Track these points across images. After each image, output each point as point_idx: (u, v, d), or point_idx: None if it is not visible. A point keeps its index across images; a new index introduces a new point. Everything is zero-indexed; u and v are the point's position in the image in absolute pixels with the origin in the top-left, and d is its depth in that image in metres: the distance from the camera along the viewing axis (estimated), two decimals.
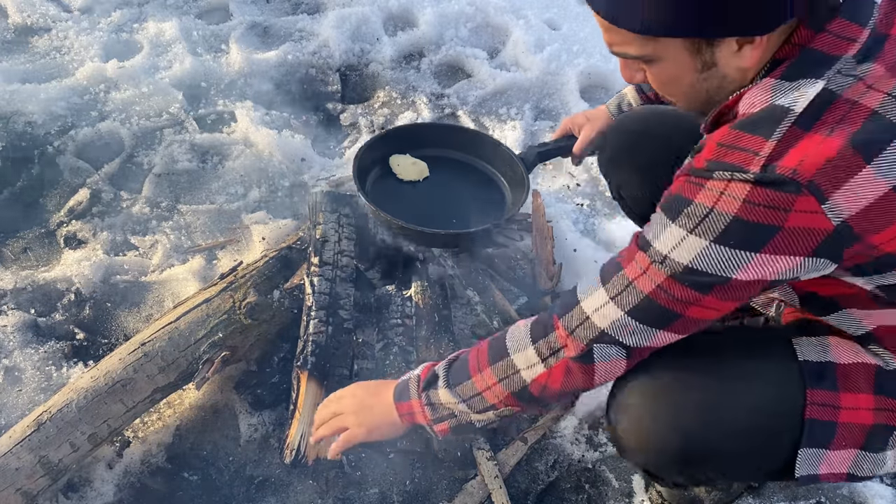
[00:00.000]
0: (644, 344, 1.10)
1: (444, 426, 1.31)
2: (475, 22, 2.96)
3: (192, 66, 2.69)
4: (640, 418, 1.15)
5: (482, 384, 1.24)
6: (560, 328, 1.15)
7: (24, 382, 1.80)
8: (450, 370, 1.29)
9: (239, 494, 1.66)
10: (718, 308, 1.04)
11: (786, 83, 0.94)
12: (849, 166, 0.89)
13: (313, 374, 1.62)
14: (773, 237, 0.93)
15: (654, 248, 1.03)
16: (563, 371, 1.16)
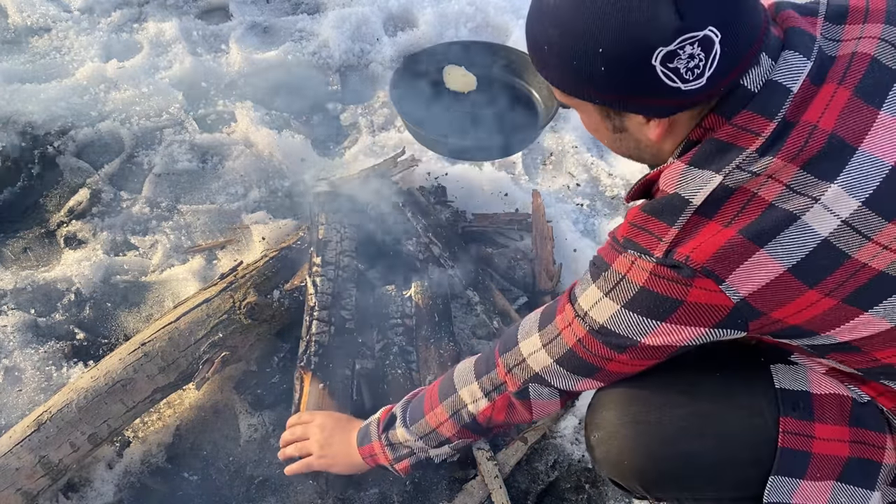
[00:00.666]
0: (572, 388, 1.19)
1: (404, 464, 1.42)
2: (475, 22, 2.96)
3: (192, 66, 2.69)
4: (613, 435, 1.19)
5: (435, 421, 1.34)
6: (500, 365, 1.25)
7: (24, 382, 1.80)
8: (406, 410, 1.40)
9: (239, 494, 1.66)
10: (634, 365, 1.11)
11: (692, 170, 0.97)
12: (742, 252, 0.93)
13: (316, 374, 1.62)
14: (676, 309, 0.99)
15: (579, 303, 1.10)
16: (505, 404, 1.26)
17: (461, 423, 1.31)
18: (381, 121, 2.60)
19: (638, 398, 1.18)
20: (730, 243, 0.93)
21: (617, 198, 2.43)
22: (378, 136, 2.52)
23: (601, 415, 1.21)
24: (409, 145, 2.39)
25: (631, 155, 1.12)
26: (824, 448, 1.10)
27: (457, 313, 1.90)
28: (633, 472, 1.19)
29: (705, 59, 0.88)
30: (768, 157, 0.92)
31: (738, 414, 1.14)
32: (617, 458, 1.19)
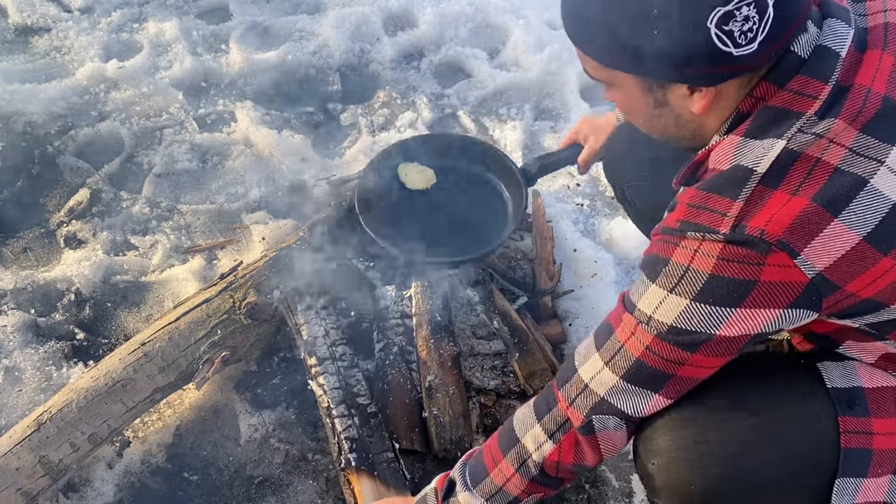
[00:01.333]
0: (641, 409, 1.10)
1: None
2: (475, 22, 2.96)
3: (192, 66, 2.69)
4: (674, 460, 1.12)
5: (501, 478, 1.21)
6: (561, 399, 1.15)
7: (24, 382, 1.80)
8: (466, 472, 1.26)
9: (239, 494, 1.66)
10: (708, 365, 1.05)
11: (749, 141, 0.95)
12: (817, 222, 0.90)
13: (361, 469, 1.55)
14: (749, 292, 0.94)
15: (639, 308, 1.04)
16: (572, 444, 1.15)
17: (529, 476, 1.18)
18: (381, 121, 2.60)
19: (693, 419, 1.11)
20: (804, 212, 0.90)
21: None
22: (378, 136, 2.52)
23: (656, 442, 1.13)
24: None
25: (668, 134, 1.08)
26: (883, 443, 1.07)
27: (457, 313, 1.90)
28: (699, 497, 1.11)
29: (759, 21, 0.87)
30: (829, 119, 0.91)
31: (795, 421, 1.10)
32: (679, 484, 1.11)
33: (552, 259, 2.05)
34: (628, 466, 1.73)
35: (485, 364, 1.87)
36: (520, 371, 1.82)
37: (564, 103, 2.68)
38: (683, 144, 1.10)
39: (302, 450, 1.72)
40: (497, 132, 2.58)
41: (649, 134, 1.13)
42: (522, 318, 1.90)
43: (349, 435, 1.58)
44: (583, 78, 2.74)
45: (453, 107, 2.67)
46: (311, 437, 1.74)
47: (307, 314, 1.74)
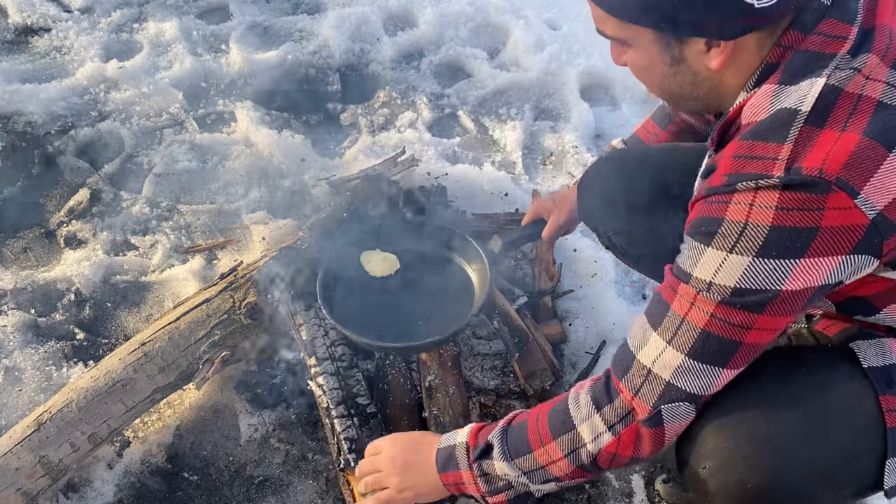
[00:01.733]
0: (709, 387, 1.04)
1: (500, 498, 1.23)
2: (475, 22, 2.96)
3: (192, 66, 2.69)
4: (729, 460, 1.07)
5: (545, 458, 1.16)
6: (624, 391, 1.08)
7: (24, 382, 1.80)
8: (506, 440, 1.20)
9: (239, 494, 1.66)
10: (773, 327, 1.00)
11: (785, 87, 0.94)
12: (872, 157, 0.89)
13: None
14: (813, 239, 0.90)
15: (695, 276, 0.99)
16: (632, 437, 1.10)
17: (577, 463, 1.14)
18: (381, 121, 2.60)
19: (742, 416, 1.07)
20: (859, 148, 0.88)
21: None
22: (378, 135, 2.52)
23: (706, 445, 1.09)
24: (409, 145, 2.39)
25: (684, 93, 1.07)
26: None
27: None
28: (758, 494, 1.07)
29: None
30: (863, 56, 0.92)
31: (839, 405, 1.08)
32: (738, 483, 1.07)
33: (552, 259, 2.05)
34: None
35: (485, 364, 1.87)
36: (519, 371, 1.82)
37: (564, 103, 2.68)
38: (698, 106, 1.10)
39: (302, 450, 1.72)
40: (497, 132, 2.58)
41: (662, 96, 1.12)
42: (522, 318, 1.90)
43: (349, 435, 1.58)
44: (583, 78, 2.74)
45: (453, 107, 2.67)
46: (311, 437, 1.74)
47: (306, 314, 1.74)
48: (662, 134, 1.64)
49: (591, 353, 1.90)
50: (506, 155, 2.49)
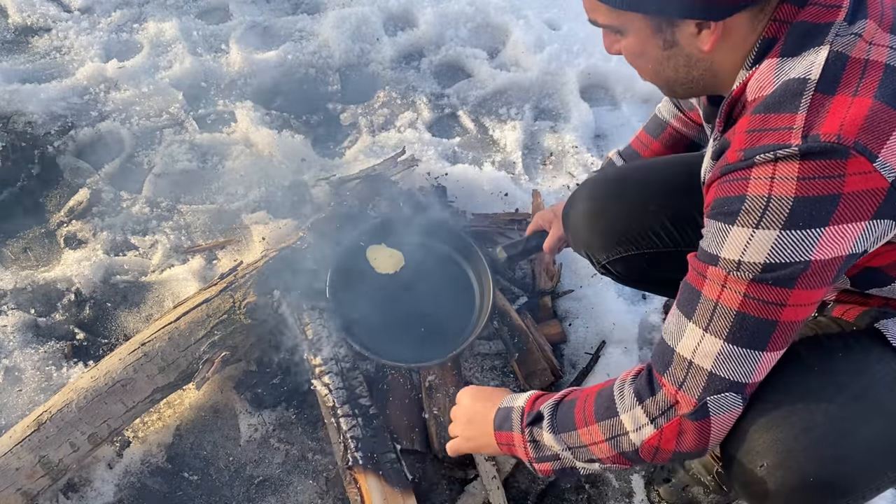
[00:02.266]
0: (752, 374, 1.02)
1: (546, 467, 1.23)
2: (475, 22, 2.96)
3: (192, 66, 2.69)
4: (788, 455, 1.05)
5: (589, 438, 1.15)
6: (667, 385, 1.06)
7: (24, 382, 1.80)
8: (556, 414, 1.20)
9: (239, 494, 1.66)
10: (808, 301, 0.99)
11: (788, 59, 0.95)
12: (887, 120, 0.89)
13: (368, 468, 1.56)
14: (836, 206, 0.90)
15: (723, 258, 0.98)
16: (675, 431, 1.06)
17: (619, 449, 1.12)
18: (381, 121, 2.60)
19: (791, 409, 1.05)
20: (872, 112, 0.89)
21: None
22: (378, 135, 2.52)
23: (759, 443, 1.06)
24: (409, 145, 2.39)
25: (678, 78, 1.08)
26: None
27: None
28: (821, 486, 1.05)
29: None
30: (860, 22, 0.93)
31: (882, 383, 1.07)
32: (801, 478, 1.05)
33: (552, 259, 2.05)
34: None
35: (485, 364, 1.87)
36: (519, 371, 1.82)
37: (564, 103, 2.68)
38: (693, 89, 1.10)
39: (302, 450, 1.73)
40: (497, 132, 2.58)
41: (658, 82, 1.12)
42: (522, 318, 1.90)
43: (355, 434, 1.59)
44: (583, 78, 2.74)
45: (453, 107, 2.67)
46: (311, 437, 1.74)
47: (311, 314, 1.75)
48: (654, 143, 1.66)
49: (590, 354, 1.90)
50: (506, 155, 2.49)
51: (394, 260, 1.90)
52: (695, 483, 1.59)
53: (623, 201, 1.52)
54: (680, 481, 1.62)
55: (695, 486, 1.59)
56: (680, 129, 1.61)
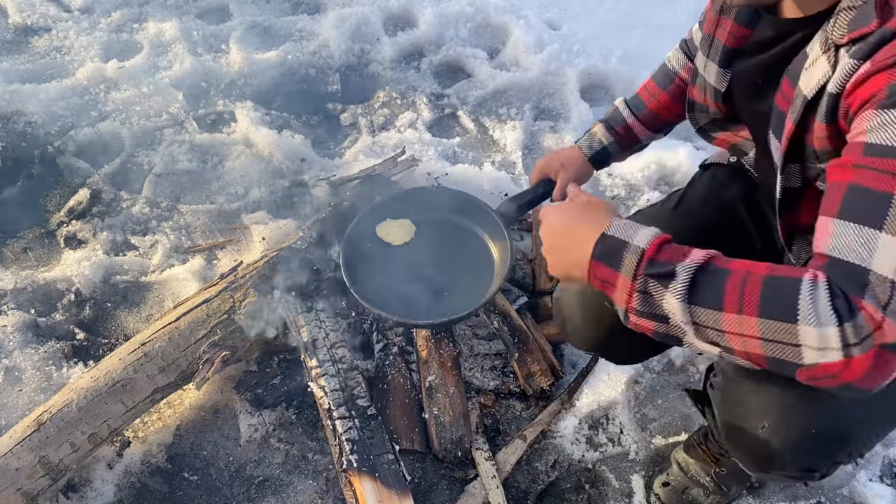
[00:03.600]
0: None
1: (647, 324, 1.02)
2: (475, 22, 2.96)
3: (192, 66, 2.69)
4: (787, 410, 1.05)
5: (734, 326, 0.94)
6: (868, 307, 0.87)
7: (24, 382, 1.80)
8: (695, 282, 0.97)
9: (239, 494, 1.66)
10: None
11: None
12: None
13: (363, 470, 1.55)
14: None
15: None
16: (867, 364, 0.88)
17: (773, 355, 0.92)
18: (381, 121, 2.60)
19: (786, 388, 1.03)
20: None
21: (617, 198, 2.43)
22: (378, 135, 2.52)
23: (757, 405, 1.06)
24: (409, 145, 2.39)
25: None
26: None
27: None
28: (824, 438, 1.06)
29: None
30: None
31: None
32: (802, 432, 1.05)
33: None
34: (628, 466, 1.73)
35: (485, 364, 1.87)
36: (519, 371, 1.82)
37: (564, 103, 2.68)
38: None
39: (302, 450, 1.73)
40: (497, 132, 2.58)
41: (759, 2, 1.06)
42: (522, 318, 1.90)
43: (350, 436, 1.59)
44: (583, 78, 2.74)
45: (453, 107, 2.67)
46: (311, 437, 1.74)
47: (307, 316, 1.75)
48: (662, 94, 1.63)
49: (590, 353, 1.90)
50: (506, 155, 2.49)
51: (405, 228, 1.88)
52: (694, 485, 1.59)
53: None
54: (679, 484, 1.61)
55: (694, 488, 1.59)
56: (687, 80, 1.59)
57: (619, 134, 1.66)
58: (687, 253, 1.00)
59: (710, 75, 1.32)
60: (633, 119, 1.65)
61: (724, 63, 1.27)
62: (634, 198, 2.43)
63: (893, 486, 1.73)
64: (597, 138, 1.69)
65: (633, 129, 1.66)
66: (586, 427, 1.79)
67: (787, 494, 1.65)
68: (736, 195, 1.50)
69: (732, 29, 1.24)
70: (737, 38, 1.23)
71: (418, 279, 1.80)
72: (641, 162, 2.48)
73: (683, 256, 0.99)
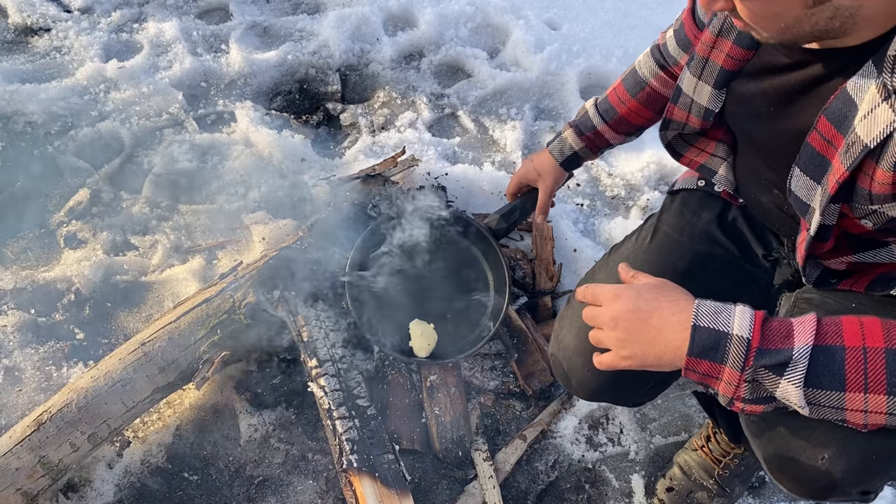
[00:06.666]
0: None
1: (755, 408, 1.00)
2: (475, 22, 2.96)
3: (192, 66, 2.69)
4: (846, 440, 1.06)
5: (857, 404, 0.94)
6: None
7: (24, 382, 1.80)
8: (814, 366, 0.94)
9: (239, 494, 1.66)
10: None
11: None
12: None
13: (363, 470, 1.56)
14: None
15: None
16: None
17: (891, 423, 0.94)
18: (381, 121, 2.60)
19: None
20: None
21: (617, 198, 2.43)
22: (378, 136, 2.52)
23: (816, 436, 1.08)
24: (409, 145, 2.39)
25: (814, 31, 0.97)
26: None
27: None
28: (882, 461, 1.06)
29: None
30: None
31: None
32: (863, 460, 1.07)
33: (552, 259, 2.06)
34: (628, 466, 1.73)
35: (485, 365, 1.87)
36: (519, 371, 1.82)
37: (564, 103, 2.68)
38: (820, 38, 1.00)
39: (302, 450, 1.72)
40: (497, 132, 2.58)
41: (783, 39, 1.01)
42: (522, 318, 1.90)
43: (350, 436, 1.59)
44: (583, 78, 2.74)
45: (453, 107, 2.67)
46: (311, 437, 1.74)
47: (307, 316, 1.75)
48: (632, 102, 1.61)
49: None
50: (506, 155, 2.49)
51: (426, 337, 1.81)
52: (698, 488, 1.59)
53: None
54: (683, 488, 1.61)
55: (698, 491, 1.59)
56: (658, 89, 1.57)
57: (590, 139, 1.67)
58: (791, 331, 0.96)
59: (701, 97, 1.28)
60: (603, 125, 1.65)
61: (719, 84, 1.23)
62: (634, 198, 2.43)
63: (893, 486, 1.73)
64: (567, 143, 1.69)
65: (603, 135, 1.66)
66: (586, 427, 1.79)
67: (787, 494, 1.65)
68: (709, 220, 1.47)
69: (732, 51, 1.20)
70: (736, 60, 1.20)
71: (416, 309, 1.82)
72: (641, 162, 2.48)
73: (790, 337, 0.96)
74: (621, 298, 1.04)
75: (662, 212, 1.55)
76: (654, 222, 1.54)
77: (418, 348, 1.75)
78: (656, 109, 1.60)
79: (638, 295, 1.04)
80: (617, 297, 1.04)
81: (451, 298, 1.82)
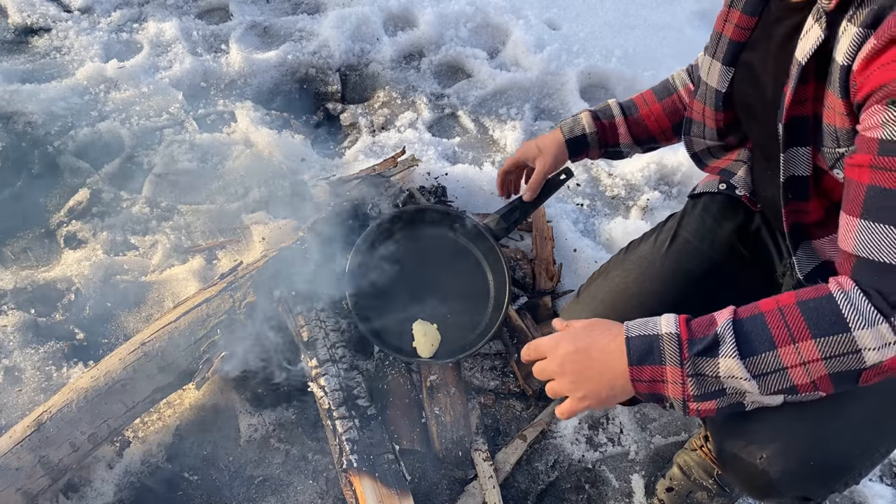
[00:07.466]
0: None
1: (708, 406, 1.01)
2: (475, 22, 2.96)
3: (192, 66, 2.69)
4: (788, 442, 1.09)
5: (793, 358, 0.96)
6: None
7: (24, 382, 1.80)
8: (739, 336, 0.98)
9: (239, 494, 1.66)
10: None
11: None
12: None
13: (363, 470, 1.55)
14: None
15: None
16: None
17: (835, 369, 0.95)
18: (381, 121, 2.60)
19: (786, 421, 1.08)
20: None
21: (617, 198, 2.43)
22: (378, 135, 2.52)
23: (757, 435, 1.10)
24: (409, 145, 2.39)
25: None
26: None
27: None
28: (821, 470, 1.10)
29: None
30: None
31: None
32: (800, 464, 1.08)
33: (552, 259, 2.06)
34: (628, 466, 1.73)
35: (485, 364, 1.87)
36: (518, 371, 1.82)
37: (564, 103, 2.68)
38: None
39: (302, 450, 1.72)
40: (497, 132, 2.58)
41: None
42: (522, 318, 1.90)
43: (350, 436, 1.59)
44: (583, 78, 2.74)
45: (453, 107, 2.67)
46: (311, 437, 1.74)
47: (307, 316, 1.75)
48: (656, 105, 1.63)
49: None
50: (506, 155, 2.49)
51: (429, 338, 1.80)
52: (697, 488, 1.59)
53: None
54: (683, 488, 1.61)
55: (698, 491, 1.59)
56: (684, 101, 1.61)
57: (604, 126, 1.65)
58: (712, 319, 1.01)
59: (712, 78, 1.33)
60: (621, 118, 1.65)
61: (728, 60, 1.29)
62: (634, 198, 2.43)
63: (893, 486, 1.73)
64: (580, 124, 1.67)
65: (617, 129, 1.65)
66: (586, 427, 1.79)
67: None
68: (731, 230, 1.48)
69: (739, 20, 1.26)
70: (742, 29, 1.26)
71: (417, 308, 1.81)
72: (641, 162, 2.48)
73: (712, 323, 1.00)
74: (561, 344, 1.09)
75: (684, 215, 1.56)
76: (673, 225, 1.55)
77: (422, 349, 1.75)
78: (674, 123, 1.62)
79: (574, 336, 1.08)
80: (557, 345, 1.09)
81: (451, 299, 1.82)
